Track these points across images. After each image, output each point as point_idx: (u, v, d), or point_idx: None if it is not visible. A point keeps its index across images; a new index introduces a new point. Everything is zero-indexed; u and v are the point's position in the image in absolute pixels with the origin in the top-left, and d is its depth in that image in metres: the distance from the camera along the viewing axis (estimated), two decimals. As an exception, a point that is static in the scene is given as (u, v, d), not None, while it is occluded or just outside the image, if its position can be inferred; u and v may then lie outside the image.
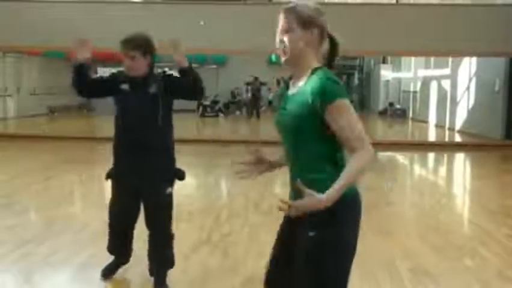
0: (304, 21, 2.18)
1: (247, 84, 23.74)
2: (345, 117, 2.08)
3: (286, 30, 2.19)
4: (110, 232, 4.03)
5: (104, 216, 4.12)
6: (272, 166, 2.57)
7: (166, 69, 3.80)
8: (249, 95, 23.75)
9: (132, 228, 3.96)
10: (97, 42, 15.66)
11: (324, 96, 2.07)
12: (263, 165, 2.54)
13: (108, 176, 3.86)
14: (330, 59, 2.26)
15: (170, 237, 3.85)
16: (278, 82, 21.12)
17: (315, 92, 2.09)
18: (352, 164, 2.06)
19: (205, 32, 13.12)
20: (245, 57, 23.01)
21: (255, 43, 12.68)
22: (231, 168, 2.83)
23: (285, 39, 2.19)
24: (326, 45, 2.25)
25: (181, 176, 3.83)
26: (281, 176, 2.53)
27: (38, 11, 13.53)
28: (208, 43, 13.41)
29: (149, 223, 3.80)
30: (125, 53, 3.58)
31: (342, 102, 2.08)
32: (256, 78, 23.11)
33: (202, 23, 13.15)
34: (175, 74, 3.70)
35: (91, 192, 7.84)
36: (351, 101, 2.23)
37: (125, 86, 3.68)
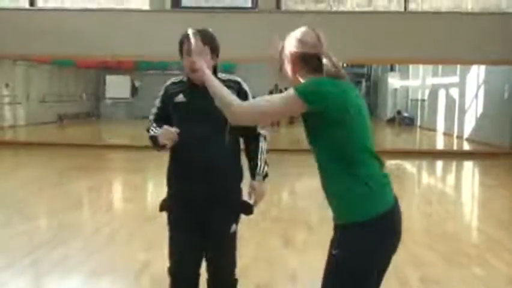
0: (280, 50, 2.40)
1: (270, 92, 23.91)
2: (279, 94, 2.28)
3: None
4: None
5: (114, 223, 4.10)
6: None
7: (240, 80, 3.13)
8: None
9: (194, 277, 3.12)
10: (106, 50, 15.68)
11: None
12: None
13: (162, 208, 3.10)
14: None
15: (233, 284, 3.14)
16: (276, 88, 21.87)
17: None
18: (226, 93, 2.33)
19: (213, 40, 13.16)
20: (254, 65, 23.07)
21: (264, 51, 12.72)
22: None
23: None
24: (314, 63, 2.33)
25: (248, 209, 3.02)
26: (288, 185, 2.57)
27: (48, 19, 13.64)
28: (217, 51, 13.45)
29: (208, 267, 3.08)
30: (190, 47, 2.84)
31: (292, 90, 2.20)
32: (276, 86, 23.38)
33: (210, 30, 13.19)
34: (251, 96, 2.99)
35: (101, 199, 7.89)
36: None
37: (180, 98, 2.96)
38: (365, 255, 2.16)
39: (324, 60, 2.26)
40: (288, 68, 2.36)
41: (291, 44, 2.35)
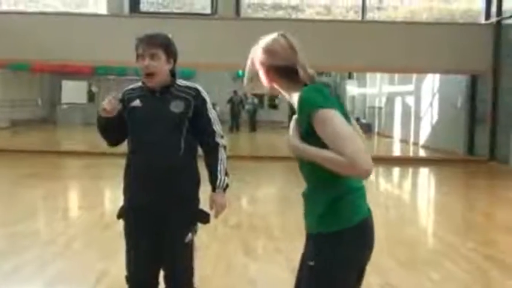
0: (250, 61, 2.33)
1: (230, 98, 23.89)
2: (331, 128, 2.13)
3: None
4: None
5: (70, 232, 4.02)
6: None
7: (199, 87, 3.04)
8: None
9: (153, 285, 3.04)
10: (62, 55, 15.31)
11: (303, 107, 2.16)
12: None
13: (120, 215, 3.03)
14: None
15: None
16: (235, 94, 23.59)
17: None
18: (333, 156, 2.02)
19: (172, 46, 13.08)
20: (214, 71, 23.06)
21: (223, 57, 12.75)
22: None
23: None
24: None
25: (205, 218, 3.02)
26: (249, 191, 2.55)
27: (1, 22, 13.29)
28: (176, 57, 13.37)
29: (165, 276, 3.02)
30: (144, 51, 2.84)
31: (319, 113, 2.14)
32: (235, 92, 23.49)
33: (170, 36, 13.11)
34: (210, 104, 3.03)
35: (56, 208, 7.68)
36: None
37: (136, 103, 2.92)
38: (343, 264, 2.15)
39: (300, 72, 2.23)
40: (263, 77, 2.30)
41: (261, 55, 2.26)
